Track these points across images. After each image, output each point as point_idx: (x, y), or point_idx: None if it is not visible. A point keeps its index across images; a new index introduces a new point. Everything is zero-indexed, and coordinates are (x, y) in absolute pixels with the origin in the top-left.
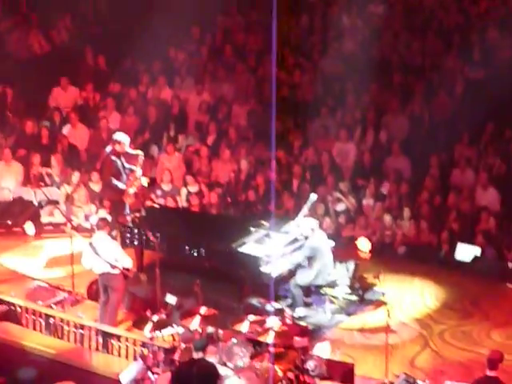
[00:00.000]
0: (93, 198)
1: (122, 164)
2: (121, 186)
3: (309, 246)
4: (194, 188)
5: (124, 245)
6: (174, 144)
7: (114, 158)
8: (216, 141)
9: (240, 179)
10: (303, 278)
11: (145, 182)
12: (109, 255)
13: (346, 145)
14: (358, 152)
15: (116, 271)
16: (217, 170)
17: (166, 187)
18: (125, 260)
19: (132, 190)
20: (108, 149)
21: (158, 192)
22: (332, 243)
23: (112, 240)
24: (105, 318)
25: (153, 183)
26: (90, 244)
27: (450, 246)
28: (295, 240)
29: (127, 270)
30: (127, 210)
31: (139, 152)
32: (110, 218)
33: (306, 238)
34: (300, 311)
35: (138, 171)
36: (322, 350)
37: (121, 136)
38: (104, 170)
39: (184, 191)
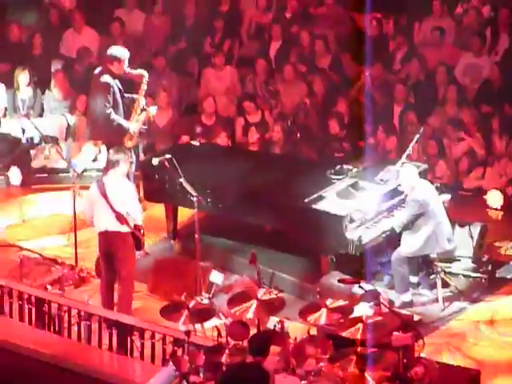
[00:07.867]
0: None
1: (120, 91)
2: (122, 122)
3: (414, 201)
4: (254, 117)
5: (149, 199)
6: (226, 54)
7: (107, 81)
8: (282, 51)
9: (316, 104)
10: (407, 246)
11: (153, 111)
12: (120, 202)
13: (477, 58)
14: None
15: (124, 229)
16: (283, 93)
17: (209, 120)
18: (137, 214)
19: (134, 127)
20: (97, 70)
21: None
22: (448, 197)
23: (129, 182)
24: (109, 303)
25: (190, 113)
26: (98, 183)
27: None
28: (395, 192)
29: (139, 229)
30: (133, 156)
31: (142, 72)
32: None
33: (411, 189)
34: (403, 295)
35: (142, 100)
36: None
37: (118, 51)
38: (93, 101)
39: (240, 123)
